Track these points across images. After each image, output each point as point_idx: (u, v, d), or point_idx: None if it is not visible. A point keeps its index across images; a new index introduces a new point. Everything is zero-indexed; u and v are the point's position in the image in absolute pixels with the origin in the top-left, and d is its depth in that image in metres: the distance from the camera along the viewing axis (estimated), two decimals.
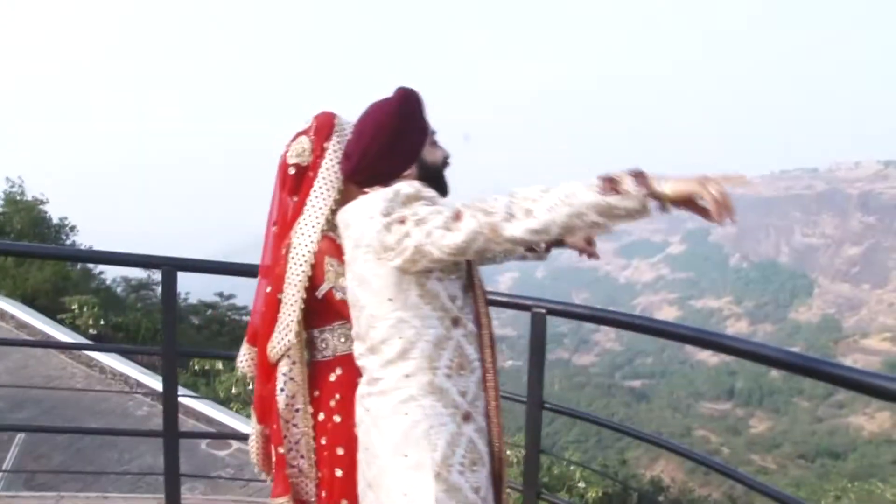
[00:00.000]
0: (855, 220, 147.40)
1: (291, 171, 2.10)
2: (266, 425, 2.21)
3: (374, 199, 1.75)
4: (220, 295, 17.89)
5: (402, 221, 1.68)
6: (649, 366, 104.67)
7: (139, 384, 8.35)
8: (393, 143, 1.85)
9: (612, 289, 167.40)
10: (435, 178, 1.91)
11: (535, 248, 2.26)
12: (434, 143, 1.94)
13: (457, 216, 1.62)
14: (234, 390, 9.61)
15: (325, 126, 2.10)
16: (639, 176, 1.50)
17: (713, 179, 1.47)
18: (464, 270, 1.84)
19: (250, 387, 9.53)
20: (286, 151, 2.12)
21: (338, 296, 2.02)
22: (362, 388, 1.87)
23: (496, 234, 1.58)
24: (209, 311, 16.98)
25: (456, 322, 1.79)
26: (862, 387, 1.97)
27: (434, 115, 1.95)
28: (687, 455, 2.79)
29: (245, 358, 2.31)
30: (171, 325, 3.10)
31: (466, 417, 1.79)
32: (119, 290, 17.00)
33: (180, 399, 5.98)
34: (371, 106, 1.90)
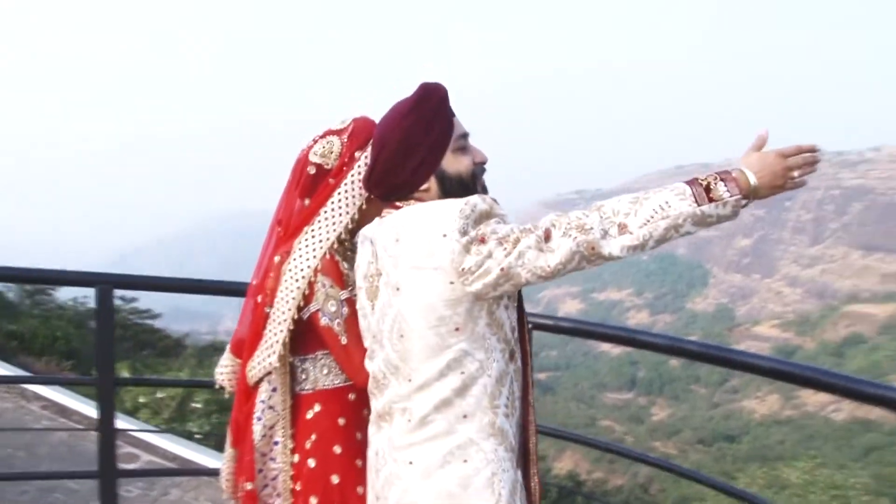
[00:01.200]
0: (746, 213, 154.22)
1: (311, 170, 1.85)
2: (238, 450, 1.97)
3: (445, 213, 1.49)
4: (122, 299, 17.19)
5: (482, 241, 1.45)
6: (554, 358, 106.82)
7: (36, 396, 7.92)
8: (403, 153, 1.58)
9: None
10: (461, 193, 1.57)
11: None
12: (462, 150, 1.63)
13: (546, 235, 1.43)
14: (141, 399, 9.24)
15: (362, 132, 1.84)
16: (727, 179, 1.45)
17: (784, 153, 1.49)
18: (516, 298, 1.63)
19: (159, 394, 9.25)
20: (310, 147, 1.87)
21: (323, 321, 1.78)
22: (399, 439, 1.57)
23: (594, 252, 1.42)
24: None
25: (512, 355, 1.59)
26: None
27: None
28: (641, 459, 2.83)
29: (226, 370, 2.06)
30: (107, 351, 2.77)
31: (516, 462, 1.59)
32: (11, 295, 16.09)
33: (81, 408, 5.66)
34: (391, 108, 1.64)
